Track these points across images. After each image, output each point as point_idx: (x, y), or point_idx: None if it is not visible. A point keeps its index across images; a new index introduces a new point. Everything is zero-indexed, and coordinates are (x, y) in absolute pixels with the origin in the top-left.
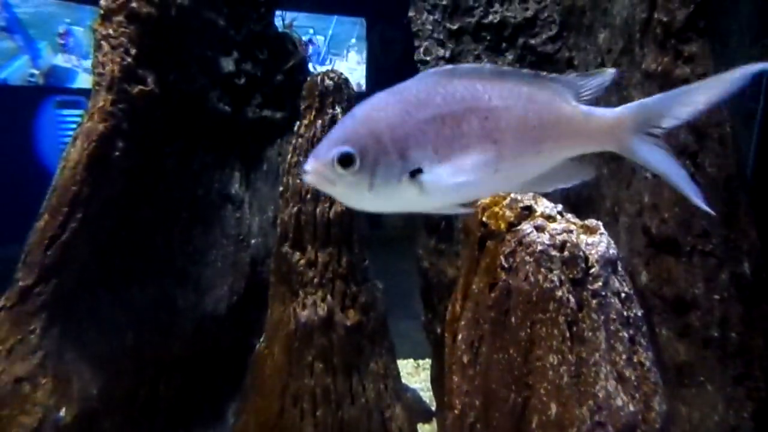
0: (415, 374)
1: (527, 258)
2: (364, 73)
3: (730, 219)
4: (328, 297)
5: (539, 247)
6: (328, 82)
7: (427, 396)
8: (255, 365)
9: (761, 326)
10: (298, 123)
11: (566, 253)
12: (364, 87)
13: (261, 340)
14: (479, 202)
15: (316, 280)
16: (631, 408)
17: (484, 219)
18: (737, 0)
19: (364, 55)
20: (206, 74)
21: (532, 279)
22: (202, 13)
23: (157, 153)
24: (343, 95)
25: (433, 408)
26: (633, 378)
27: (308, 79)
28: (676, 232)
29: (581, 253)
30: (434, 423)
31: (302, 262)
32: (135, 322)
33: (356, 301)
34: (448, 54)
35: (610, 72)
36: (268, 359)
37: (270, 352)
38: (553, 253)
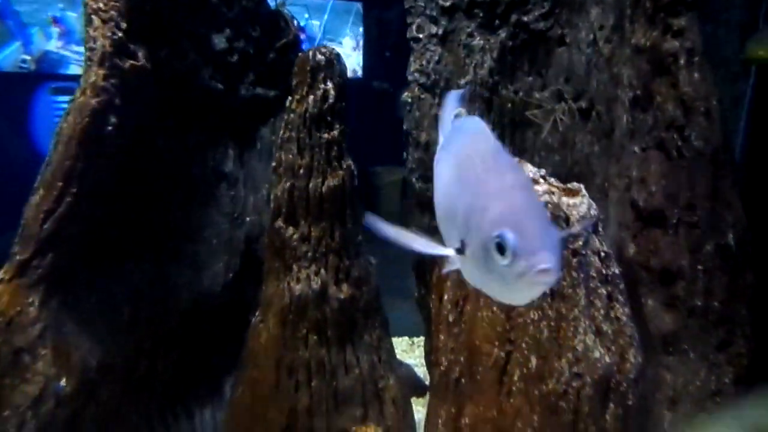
0: (409, 351)
1: None
2: (359, 59)
3: (715, 192)
4: (322, 271)
5: None
6: (319, 57)
7: (422, 372)
8: (251, 338)
9: (744, 296)
10: (290, 98)
11: (548, 212)
12: (360, 73)
13: (256, 314)
14: None
15: (309, 254)
16: (608, 360)
17: None
18: None
19: (360, 41)
20: (198, 51)
21: None
22: None
23: (152, 129)
24: (335, 70)
25: (427, 383)
26: (610, 332)
27: (299, 54)
28: (663, 204)
29: (562, 213)
30: (428, 397)
31: (295, 236)
32: (132, 296)
33: (349, 275)
34: (440, 31)
35: None
36: (264, 332)
37: (265, 325)
38: None
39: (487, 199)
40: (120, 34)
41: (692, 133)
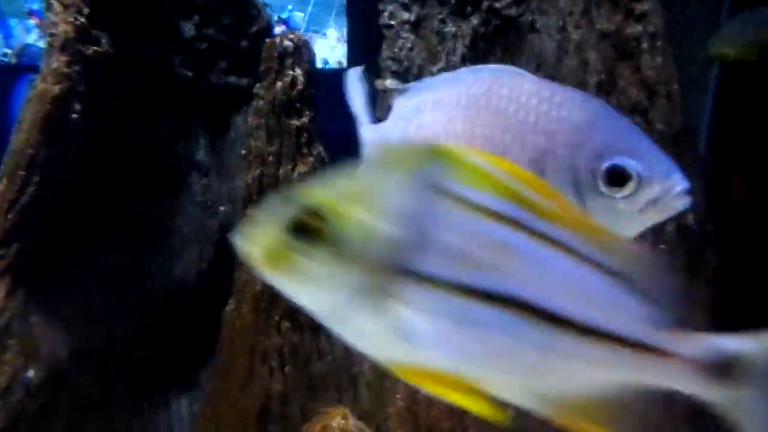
0: None
1: None
2: (344, 51)
3: None
4: None
5: None
6: (287, 43)
7: None
8: (224, 327)
9: (704, 274)
10: (258, 85)
11: None
12: (345, 64)
13: (230, 302)
14: None
15: None
16: None
17: None
18: None
19: (345, 32)
20: (167, 38)
21: None
22: None
23: (120, 117)
24: (303, 56)
25: None
26: None
27: (267, 40)
28: None
29: None
30: None
31: None
32: (103, 286)
33: None
34: (413, 18)
35: None
36: (237, 320)
37: (238, 313)
38: None
39: (571, 133)
40: (82, 20)
41: (655, 116)
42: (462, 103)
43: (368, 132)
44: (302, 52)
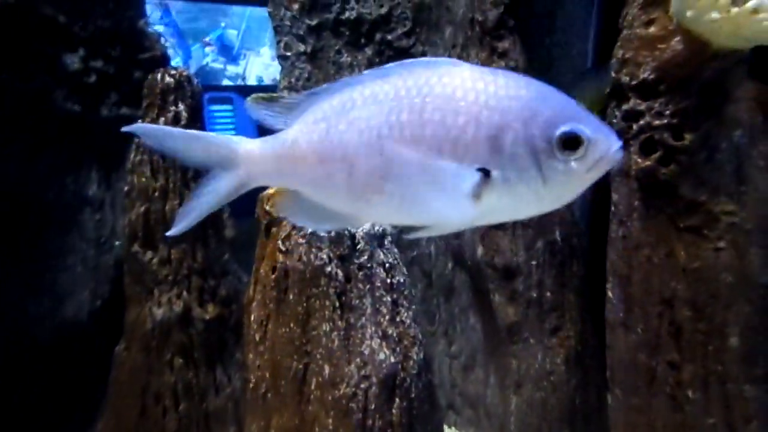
0: None
1: (300, 240)
2: (278, 69)
3: None
4: (184, 293)
5: (309, 230)
6: (168, 79)
7: None
8: (115, 368)
9: (571, 285)
10: (139, 121)
11: (333, 233)
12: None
13: (120, 342)
14: (264, 192)
15: (170, 277)
16: (392, 360)
17: (267, 208)
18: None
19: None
20: (47, 72)
21: (305, 258)
22: (38, 9)
23: None
24: (186, 92)
25: None
26: (395, 334)
27: (149, 77)
28: None
29: (347, 232)
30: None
31: (155, 260)
32: None
33: (216, 294)
34: (309, 49)
35: None
36: (127, 360)
37: (129, 353)
38: (322, 233)
39: (523, 108)
40: None
41: None
42: (402, 93)
43: (258, 145)
44: (185, 87)
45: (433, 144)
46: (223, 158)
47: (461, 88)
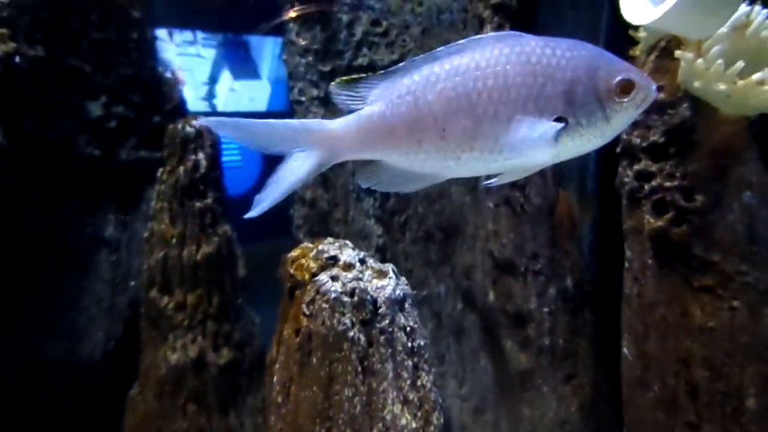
0: None
1: (324, 305)
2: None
3: (554, 241)
4: (199, 338)
5: (333, 295)
6: (189, 129)
7: None
8: (128, 413)
9: (583, 331)
10: (160, 170)
11: (356, 298)
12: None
13: (134, 386)
14: (289, 254)
15: (185, 322)
16: (414, 425)
17: (291, 271)
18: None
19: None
20: (72, 119)
21: (328, 323)
22: (65, 60)
23: (18, 201)
24: (206, 141)
25: None
26: (416, 399)
27: (169, 126)
28: (513, 254)
29: (369, 297)
30: None
31: (171, 305)
32: None
33: (230, 339)
34: (322, 94)
35: None
36: (140, 405)
37: (143, 398)
38: (345, 299)
39: (586, 65)
40: None
41: (531, 191)
42: (483, 64)
43: (340, 123)
44: (204, 136)
45: (519, 103)
46: (305, 141)
47: (534, 54)
